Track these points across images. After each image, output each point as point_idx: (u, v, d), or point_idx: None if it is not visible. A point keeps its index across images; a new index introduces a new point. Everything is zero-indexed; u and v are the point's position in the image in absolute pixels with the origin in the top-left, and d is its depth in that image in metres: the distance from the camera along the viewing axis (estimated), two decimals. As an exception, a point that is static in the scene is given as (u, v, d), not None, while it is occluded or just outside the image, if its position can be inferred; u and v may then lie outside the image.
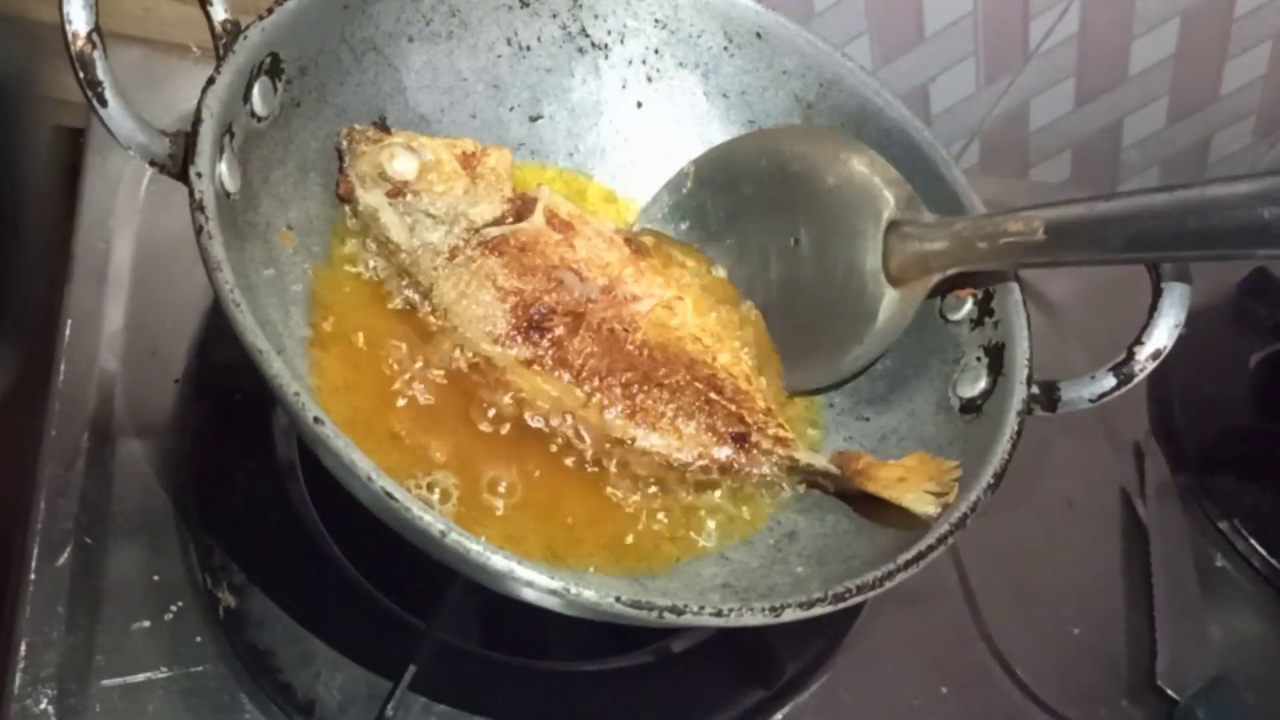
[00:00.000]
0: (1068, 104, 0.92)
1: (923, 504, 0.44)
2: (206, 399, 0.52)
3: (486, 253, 0.51)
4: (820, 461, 0.49)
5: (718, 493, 0.50)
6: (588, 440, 0.49)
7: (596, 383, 0.49)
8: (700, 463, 0.49)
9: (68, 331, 0.52)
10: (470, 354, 0.49)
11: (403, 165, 0.52)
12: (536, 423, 0.49)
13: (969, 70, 0.86)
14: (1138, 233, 0.42)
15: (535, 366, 0.49)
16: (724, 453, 0.49)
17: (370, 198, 0.51)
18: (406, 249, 0.51)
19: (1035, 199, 0.85)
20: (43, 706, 0.42)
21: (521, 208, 0.53)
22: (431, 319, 0.50)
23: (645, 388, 0.50)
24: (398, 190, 0.51)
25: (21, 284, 0.55)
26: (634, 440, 0.49)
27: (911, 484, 0.45)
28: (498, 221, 0.53)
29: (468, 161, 0.53)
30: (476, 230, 0.52)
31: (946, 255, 0.48)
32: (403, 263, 0.51)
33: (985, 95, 0.88)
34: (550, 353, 0.49)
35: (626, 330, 0.51)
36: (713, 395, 0.50)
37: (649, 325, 0.52)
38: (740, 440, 0.49)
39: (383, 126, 0.53)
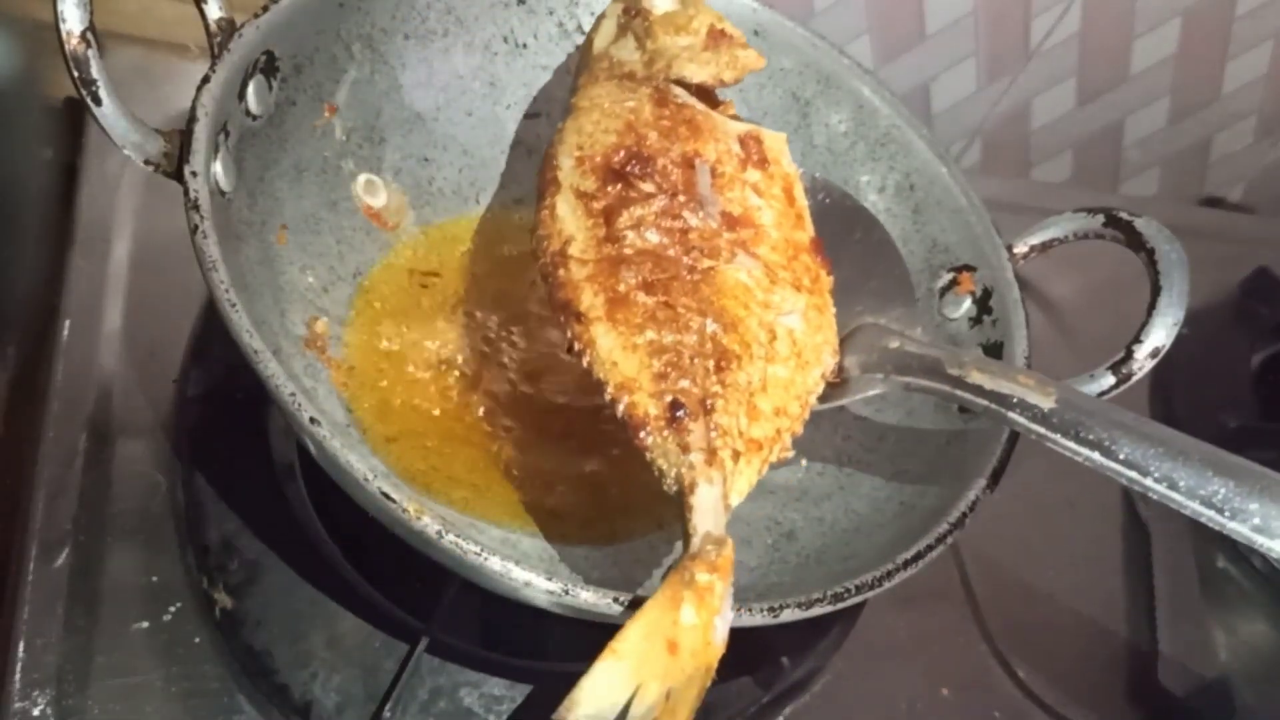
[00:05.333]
0: (1069, 103, 0.92)
1: None
2: (205, 399, 0.52)
3: (650, 96, 0.46)
4: (702, 524, 0.37)
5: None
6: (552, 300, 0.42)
7: (615, 250, 0.42)
8: (612, 396, 0.40)
9: (66, 331, 0.52)
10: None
11: (659, 1, 0.49)
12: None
13: (970, 69, 0.86)
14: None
15: (581, 199, 0.43)
16: (647, 408, 0.39)
17: (614, 5, 0.50)
18: (596, 50, 0.49)
19: (1036, 199, 0.86)
20: (41, 708, 0.42)
21: (724, 110, 0.49)
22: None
23: (654, 293, 0.41)
24: (632, 11, 0.50)
25: (20, 283, 0.55)
26: (589, 320, 0.41)
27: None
28: (690, 89, 0.48)
29: (715, 34, 0.49)
30: (666, 79, 0.48)
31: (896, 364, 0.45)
32: (583, 57, 0.50)
33: (986, 94, 0.88)
34: (606, 200, 0.43)
35: (700, 251, 0.43)
36: (709, 364, 0.40)
37: (727, 272, 0.43)
38: (675, 410, 0.39)
39: None
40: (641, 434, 0.39)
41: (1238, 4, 0.88)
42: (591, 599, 0.37)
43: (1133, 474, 0.38)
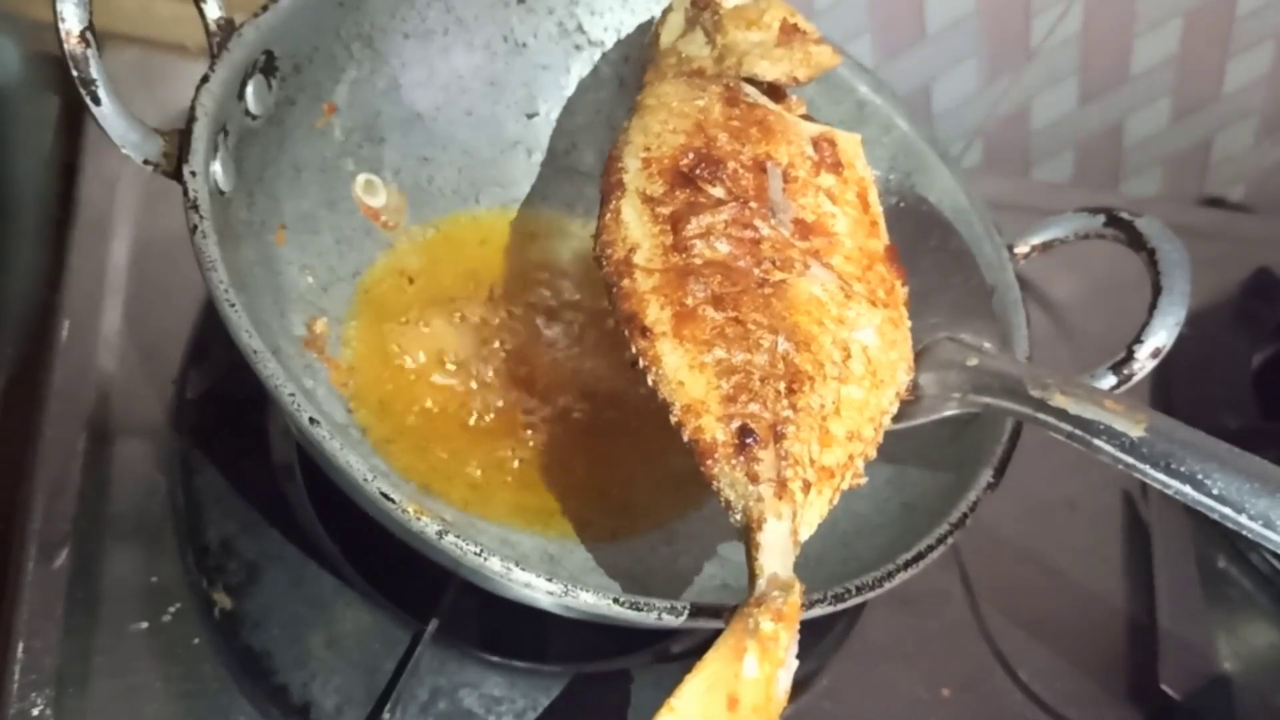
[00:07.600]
0: (1069, 103, 0.92)
1: None
2: (205, 399, 0.52)
3: (720, 95, 0.44)
4: (769, 564, 0.35)
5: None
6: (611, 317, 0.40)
7: (683, 260, 0.40)
8: (678, 419, 0.38)
9: (64, 331, 0.52)
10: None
11: None
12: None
13: (970, 69, 0.86)
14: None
15: (647, 204, 0.42)
16: (714, 433, 0.37)
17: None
18: (663, 45, 0.48)
19: (1036, 199, 0.86)
20: (40, 708, 0.42)
21: (799, 113, 0.47)
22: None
23: (723, 308, 0.39)
24: (701, 3, 0.48)
25: (19, 283, 0.55)
26: (655, 335, 0.39)
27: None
28: (761, 87, 0.46)
29: (788, 30, 0.48)
30: (737, 77, 0.46)
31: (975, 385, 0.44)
32: (648, 51, 0.48)
33: (987, 94, 0.88)
34: (674, 206, 0.41)
35: (772, 262, 0.41)
36: (780, 386, 0.38)
37: (800, 285, 0.41)
38: (744, 437, 0.37)
39: None
40: (708, 462, 0.37)
41: (1238, 4, 0.88)
42: (591, 600, 0.37)
43: (1226, 510, 0.37)
